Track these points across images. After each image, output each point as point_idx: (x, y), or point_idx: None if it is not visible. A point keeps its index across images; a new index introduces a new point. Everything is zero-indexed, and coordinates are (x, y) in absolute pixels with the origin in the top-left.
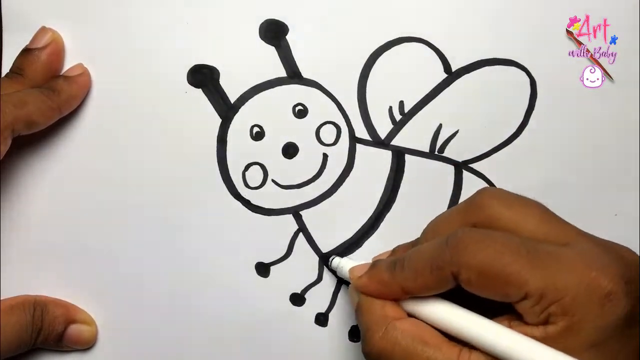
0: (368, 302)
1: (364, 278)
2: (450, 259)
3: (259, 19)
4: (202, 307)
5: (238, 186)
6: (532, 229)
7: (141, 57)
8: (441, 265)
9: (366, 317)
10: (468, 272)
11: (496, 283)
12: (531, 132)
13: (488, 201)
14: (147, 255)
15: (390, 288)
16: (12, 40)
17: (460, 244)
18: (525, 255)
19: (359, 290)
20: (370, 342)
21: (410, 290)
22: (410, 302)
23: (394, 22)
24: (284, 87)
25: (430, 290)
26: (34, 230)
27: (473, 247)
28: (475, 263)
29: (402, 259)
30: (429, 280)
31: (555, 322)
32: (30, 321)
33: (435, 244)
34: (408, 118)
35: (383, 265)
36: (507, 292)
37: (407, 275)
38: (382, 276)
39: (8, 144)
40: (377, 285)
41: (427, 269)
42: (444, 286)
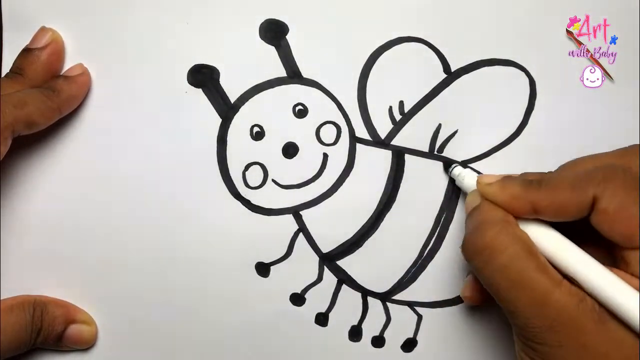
0: (491, 204)
1: (495, 187)
2: (597, 183)
3: (259, 19)
4: (202, 307)
5: (238, 186)
6: None
7: (141, 57)
8: (585, 186)
9: (484, 215)
10: (609, 201)
11: (628, 223)
12: (531, 132)
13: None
14: (147, 255)
15: (520, 202)
16: (12, 40)
17: (611, 174)
18: None
19: (486, 196)
20: (480, 236)
21: (540, 209)
22: (525, 224)
23: (394, 22)
24: (284, 87)
25: (561, 212)
26: (34, 230)
27: (621, 182)
28: (618, 196)
29: (540, 179)
30: (566, 199)
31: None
32: (30, 321)
33: (583, 170)
34: (408, 118)
35: (518, 180)
36: (633, 235)
37: (543, 193)
38: (515, 189)
39: (8, 144)
40: (507, 197)
41: (568, 188)
42: (577, 211)
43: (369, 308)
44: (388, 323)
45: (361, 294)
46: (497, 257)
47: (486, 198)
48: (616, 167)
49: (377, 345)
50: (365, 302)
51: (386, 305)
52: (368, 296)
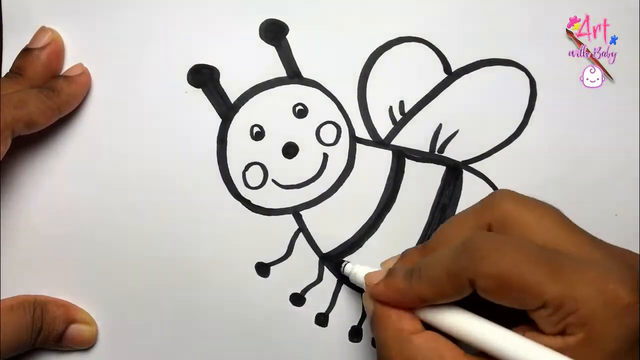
0: (384, 314)
1: (381, 286)
2: (468, 266)
3: (259, 19)
4: (202, 307)
5: (238, 186)
6: (546, 233)
7: (141, 57)
8: (458, 272)
9: (382, 332)
10: (485, 280)
11: (514, 291)
12: (531, 132)
13: (503, 202)
14: (147, 255)
15: (407, 297)
16: (12, 40)
17: (477, 251)
18: (545, 264)
19: (375, 298)
20: (387, 358)
21: (427, 299)
22: (426, 311)
23: (394, 22)
24: (284, 87)
25: (447, 298)
26: (34, 230)
27: (490, 255)
28: (493, 271)
29: (419, 267)
30: (445, 288)
31: (574, 333)
32: (30, 321)
33: (451, 251)
34: (408, 118)
35: (400, 274)
36: (525, 301)
37: (424, 284)
38: (399, 285)
39: (8, 144)
40: (394, 294)
41: (443, 276)
42: (460, 294)
43: None
44: None
45: (361, 294)
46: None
47: (376, 299)
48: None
49: None
50: None
51: None
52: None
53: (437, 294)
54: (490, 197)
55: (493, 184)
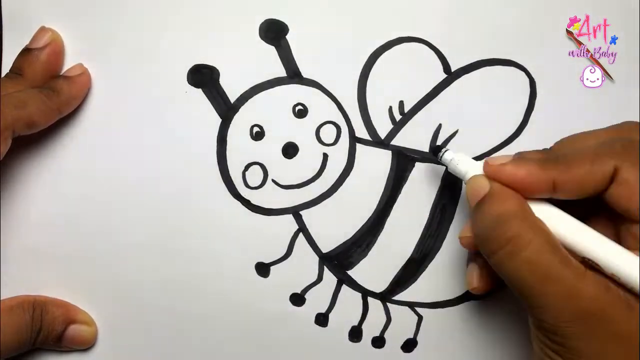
0: (505, 191)
1: (510, 166)
2: (618, 154)
3: (259, 19)
4: (202, 307)
5: (238, 186)
6: None
7: (141, 57)
8: (606, 157)
9: (502, 205)
10: (630, 172)
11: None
12: (531, 132)
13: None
14: (147, 255)
15: (539, 180)
16: (12, 40)
17: (630, 145)
18: None
19: (499, 178)
20: (503, 230)
21: (560, 185)
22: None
23: (394, 22)
24: (284, 87)
25: (581, 187)
26: (34, 230)
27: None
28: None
29: (556, 154)
30: (586, 172)
31: None
32: (30, 321)
33: (599, 141)
34: (408, 118)
35: (533, 157)
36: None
37: (562, 169)
38: (531, 167)
39: (8, 144)
40: (524, 176)
41: (587, 161)
42: (596, 184)
43: (369, 308)
44: (388, 323)
45: (361, 294)
46: (521, 252)
47: (498, 180)
48: (632, 140)
49: (377, 345)
50: (366, 303)
51: (386, 306)
52: (368, 296)
53: (572, 180)
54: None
55: None
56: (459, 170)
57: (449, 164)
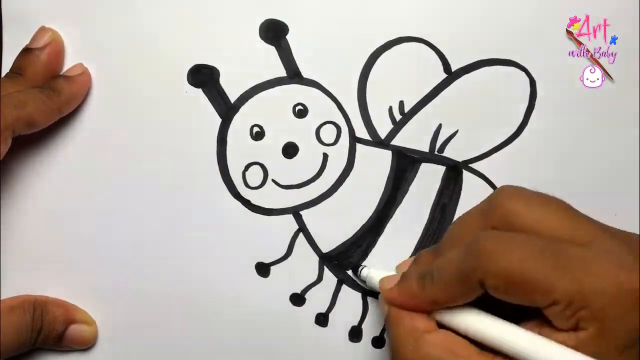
0: (398, 314)
1: (394, 291)
2: (476, 268)
3: (259, 19)
4: (202, 307)
5: (238, 186)
6: (553, 227)
7: (141, 57)
8: (467, 274)
9: (396, 330)
10: (494, 278)
11: (523, 289)
12: (531, 132)
13: (507, 200)
14: (147, 255)
15: (420, 300)
16: (12, 40)
17: (482, 250)
18: (551, 258)
19: (389, 303)
20: (401, 356)
21: (440, 302)
22: (440, 312)
23: (394, 22)
24: (284, 87)
25: (459, 300)
26: (34, 230)
27: (496, 253)
28: (499, 270)
29: (431, 271)
30: (457, 290)
31: (586, 327)
32: (30, 321)
33: (459, 252)
34: (408, 118)
35: (413, 278)
36: (535, 298)
37: (437, 288)
38: (412, 289)
39: (8, 144)
40: (408, 298)
41: (454, 279)
42: (472, 294)
43: (369, 308)
44: None
45: (361, 294)
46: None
47: (390, 304)
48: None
49: (378, 345)
50: (366, 302)
51: None
52: (368, 296)
53: (449, 297)
54: (493, 195)
55: (493, 184)
56: (374, 286)
57: (366, 280)
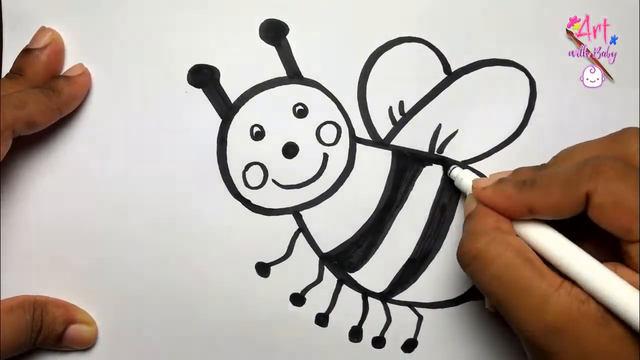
0: (485, 210)
1: (489, 190)
2: (589, 179)
3: (259, 19)
4: (202, 307)
5: (238, 186)
6: None
7: (141, 57)
8: (578, 183)
9: (478, 223)
10: (602, 196)
11: (625, 215)
12: (531, 132)
13: (634, 139)
14: (147, 255)
15: (515, 204)
16: (12, 40)
17: (602, 167)
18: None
19: (481, 200)
20: (473, 244)
21: (536, 209)
22: (522, 226)
23: (394, 22)
24: (284, 87)
25: (557, 211)
26: (34, 230)
27: (614, 174)
28: (612, 189)
29: (533, 178)
30: (560, 198)
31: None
32: (30, 321)
33: (573, 164)
34: (408, 118)
35: (511, 182)
36: (632, 228)
37: (537, 193)
38: (509, 191)
39: (8, 145)
40: (502, 200)
41: (560, 186)
42: (572, 207)
43: (369, 308)
44: (388, 324)
45: (361, 295)
46: (489, 266)
47: (482, 202)
48: (605, 158)
49: (378, 346)
50: (366, 303)
51: (386, 306)
52: (368, 296)
53: (548, 204)
54: (621, 133)
55: None
56: (462, 187)
57: (455, 179)
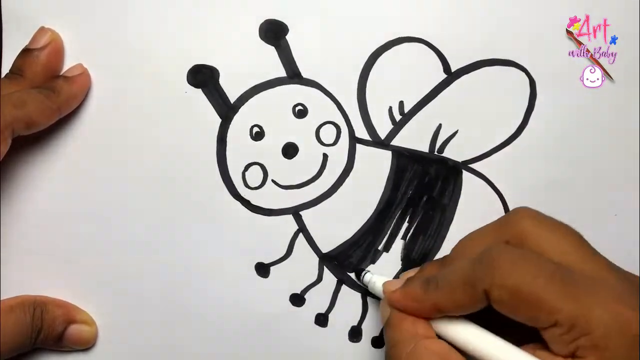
0: (399, 317)
1: (398, 293)
2: (484, 277)
3: (259, 19)
4: (202, 307)
5: (238, 186)
6: (563, 254)
7: (141, 57)
8: (474, 282)
9: (396, 332)
10: (500, 291)
11: (528, 305)
12: (531, 132)
13: (523, 220)
14: (147, 255)
15: (423, 305)
16: (12, 40)
17: (494, 262)
18: (560, 281)
19: (391, 305)
20: (398, 356)
21: (442, 308)
22: (439, 323)
23: (394, 22)
24: (284, 87)
25: (462, 308)
26: (34, 230)
27: (507, 267)
28: (508, 283)
29: (436, 276)
30: (461, 297)
31: (584, 356)
32: (30, 321)
33: (468, 261)
34: (408, 118)
35: (417, 282)
36: (538, 317)
37: (441, 293)
38: (416, 293)
39: (8, 144)
40: (411, 302)
41: (460, 286)
42: (475, 305)
43: (369, 308)
44: None
45: (361, 294)
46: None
47: (393, 307)
48: (497, 250)
49: (377, 345)
50: (365, 303)
51: None
52: (368, 297)
53: (452, 304)
54: (510, 215)
55: (493, 184)
56: (376, 291)
57: (368, 285)
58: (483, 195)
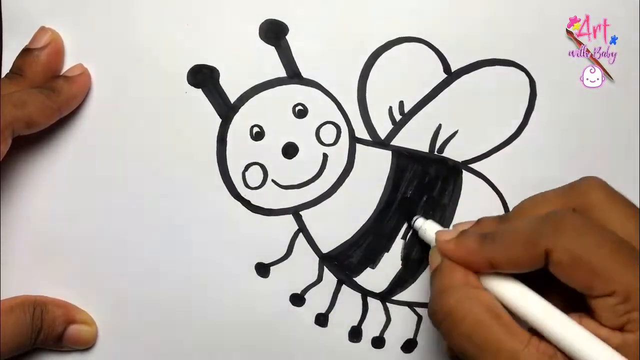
0: (451, 266)
1: (452, 244)
2: (548, 236)
3: (259, 19)
4: (202, 307)
5: (238, 186)
6: (626, 231)
7: (141, 57)
8: (537, 240)
9: (446, 279)
10: (562, 253)
11: (586, 272)
12: (531, 132)
13: (593, 190)
14: (147, 255)
15: (476, 258)
16: (12, 40)
17: (561, 223)
18: (623, 254)
19: (444, 254)
20: (444, 302)
21: (497, 264)
22: (488, 279)
23: (394, 22)
24: (284, 87)
25: (516, 266)
26: (34, 230)
27: (573, 231)
28: (571, 246)
29: (494, 232)
30: (520, 254)
31: (633, 330)
32: (30, 321)
33: (532, 220)
34: (408, 118)
35: (473, 235)
36: (594, 285)
37: (498, 248)
38: (471, 246)
39: (8, 144)
40: (464, 253)
41: (520, 242)
42: (532, 263)
43: (368, 308)
44: (388, 323)
45: (361, 295)
46: (460, 325)
47: (445, 256)
48: (563, 214)
49: (377, 346)
50: (365, 303)
51: (386, 306)
52: (368, 297)
53: (508, 260)
54: (579, 183)
55: (493, 184)
56: (426, 238)
57: (419, 231)
58: (483, 195)
